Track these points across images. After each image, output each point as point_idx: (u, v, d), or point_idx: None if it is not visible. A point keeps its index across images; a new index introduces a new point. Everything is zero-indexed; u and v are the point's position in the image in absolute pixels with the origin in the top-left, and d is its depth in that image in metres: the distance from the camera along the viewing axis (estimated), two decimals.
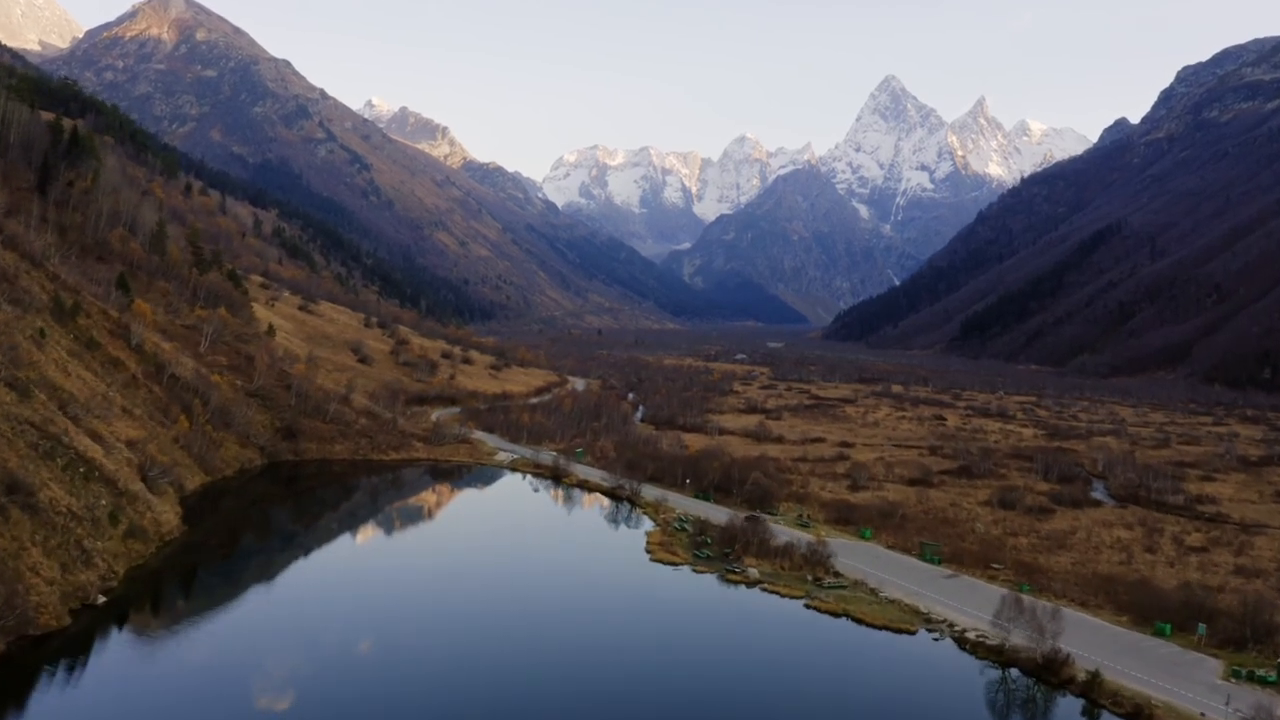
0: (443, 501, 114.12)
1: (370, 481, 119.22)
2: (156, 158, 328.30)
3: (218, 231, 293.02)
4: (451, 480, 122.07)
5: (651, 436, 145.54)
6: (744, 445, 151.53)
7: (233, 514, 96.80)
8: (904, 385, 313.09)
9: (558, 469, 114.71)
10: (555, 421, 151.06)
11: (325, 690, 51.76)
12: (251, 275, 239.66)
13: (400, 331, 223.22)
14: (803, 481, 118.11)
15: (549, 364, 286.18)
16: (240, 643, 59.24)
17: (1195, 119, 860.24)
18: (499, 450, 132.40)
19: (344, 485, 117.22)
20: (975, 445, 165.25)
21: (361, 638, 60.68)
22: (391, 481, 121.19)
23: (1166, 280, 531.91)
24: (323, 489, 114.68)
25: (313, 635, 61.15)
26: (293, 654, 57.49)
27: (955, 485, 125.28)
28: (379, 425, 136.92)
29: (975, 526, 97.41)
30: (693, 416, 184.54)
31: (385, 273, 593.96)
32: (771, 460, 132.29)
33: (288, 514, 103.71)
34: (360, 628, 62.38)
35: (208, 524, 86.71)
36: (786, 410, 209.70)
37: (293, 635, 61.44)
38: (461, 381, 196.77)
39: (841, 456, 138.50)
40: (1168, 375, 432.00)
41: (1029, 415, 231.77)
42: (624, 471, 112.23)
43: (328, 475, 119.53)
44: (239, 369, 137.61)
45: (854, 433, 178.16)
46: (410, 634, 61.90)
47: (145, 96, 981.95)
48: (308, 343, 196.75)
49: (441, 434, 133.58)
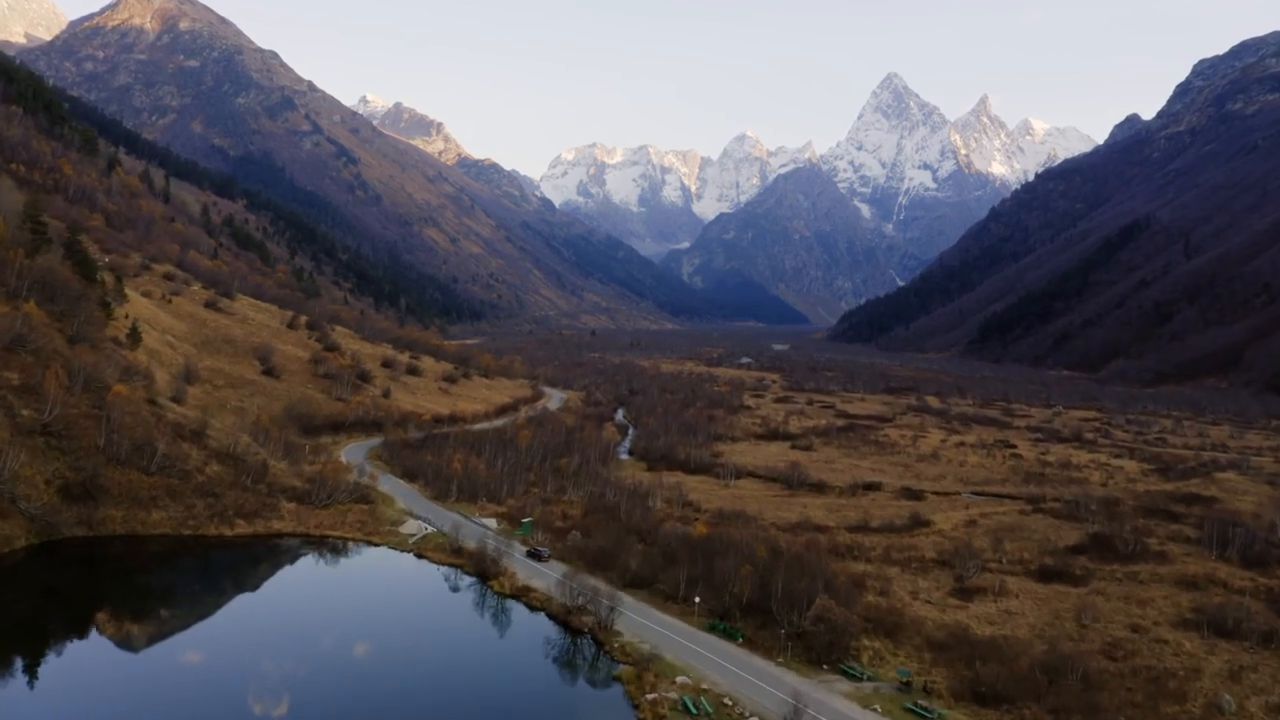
0: (245, 641, 63.60)
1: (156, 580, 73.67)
2: (74, 133, 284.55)
3: (136, 216, 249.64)
4: (309, 575, 76.59)
5: (640, 486, 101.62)
6: (771, 498, 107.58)
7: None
8: (939, 397, 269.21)
9: (485, 561, 70.18)
10: (507, 462, 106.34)
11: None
12: (155, 265, 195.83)
13: (332, 334, 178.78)
14: (879, 576, 73.87)
15: (524, 371, 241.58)
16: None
17: (1218, 112, 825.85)
18: (409, 516, 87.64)
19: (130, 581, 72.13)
20: (1079, 490, 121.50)
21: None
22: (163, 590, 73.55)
23: (1206, 278, 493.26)
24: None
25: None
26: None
27: (1107, 577, 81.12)
28: (236, 476, 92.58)
29: (1222, 705, 53.46)
30: (697, 447, 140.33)
31: (361, 269, 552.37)
32: (818, 529, 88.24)
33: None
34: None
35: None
36: (815, 435, 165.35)
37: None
38: (398, 399, 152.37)
39: (918, 521, 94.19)
40: (1219, 383, 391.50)
41: (1109, 439, 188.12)
42: (590, 565, 68.38)
43: (118, 564, 75.13)
44: (36, 391, 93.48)
45: (912, 470, 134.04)
46: None
47: (125, 87, 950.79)
48: (199, 349, 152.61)
49: (327, 488, 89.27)
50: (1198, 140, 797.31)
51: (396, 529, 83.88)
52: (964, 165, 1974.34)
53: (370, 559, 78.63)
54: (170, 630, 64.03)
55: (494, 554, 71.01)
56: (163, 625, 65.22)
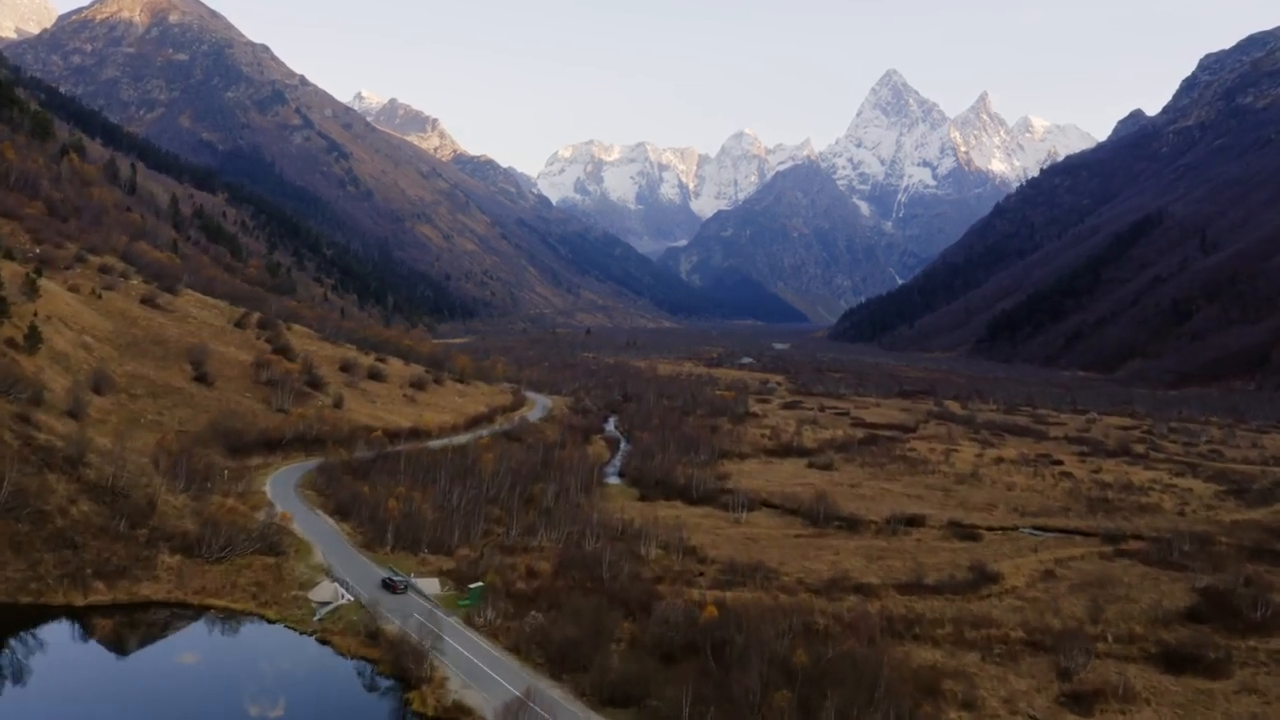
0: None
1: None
2: (25, 116, 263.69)
3: (85, 204, 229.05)
4: (157, 674, 52.27)
5: (630, 526, 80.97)
6: (793, 538, 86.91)
7: None
8: (959, 401, 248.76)
9: (405, 657, 49.07)
10: (465, 494, 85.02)
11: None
12: (92, 256, 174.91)
13: (285, 334, 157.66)
14: (957, 673, 53.25)
15: (508, 374, 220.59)
16: None
17: (1228, 106, 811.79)
18: (325, 575, 66.45)
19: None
20: (1162, 523, 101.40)
21: None
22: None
23: (1226, 275, 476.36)
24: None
25: None
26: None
27: (1250, 660, 60.58)
28: (110, 518, 71.71)
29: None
30: (699, 467, 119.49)
31: (346, 265, 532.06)
32: (861, 590, 67.52)
33: None
34: None
35: None
36: (834, 450, 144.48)
37: None
38: (352, 410, 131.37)
39: (983, 575, 73.30)
40: (1246, 384, 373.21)
41: (1161, 452, 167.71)
42: (554, 664, 48.05)
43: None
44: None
45: (953, 495, 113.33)
46: None
47: (112, 81, 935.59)
48: (122, 352, 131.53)
49: (223, 535, 68.42)
50: (1208, 135, 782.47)
51: (305, 594, 62.90)
52: (964, 163, 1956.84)
53: (257, 643, 57.64)
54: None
55: (418, 647, 50.06)
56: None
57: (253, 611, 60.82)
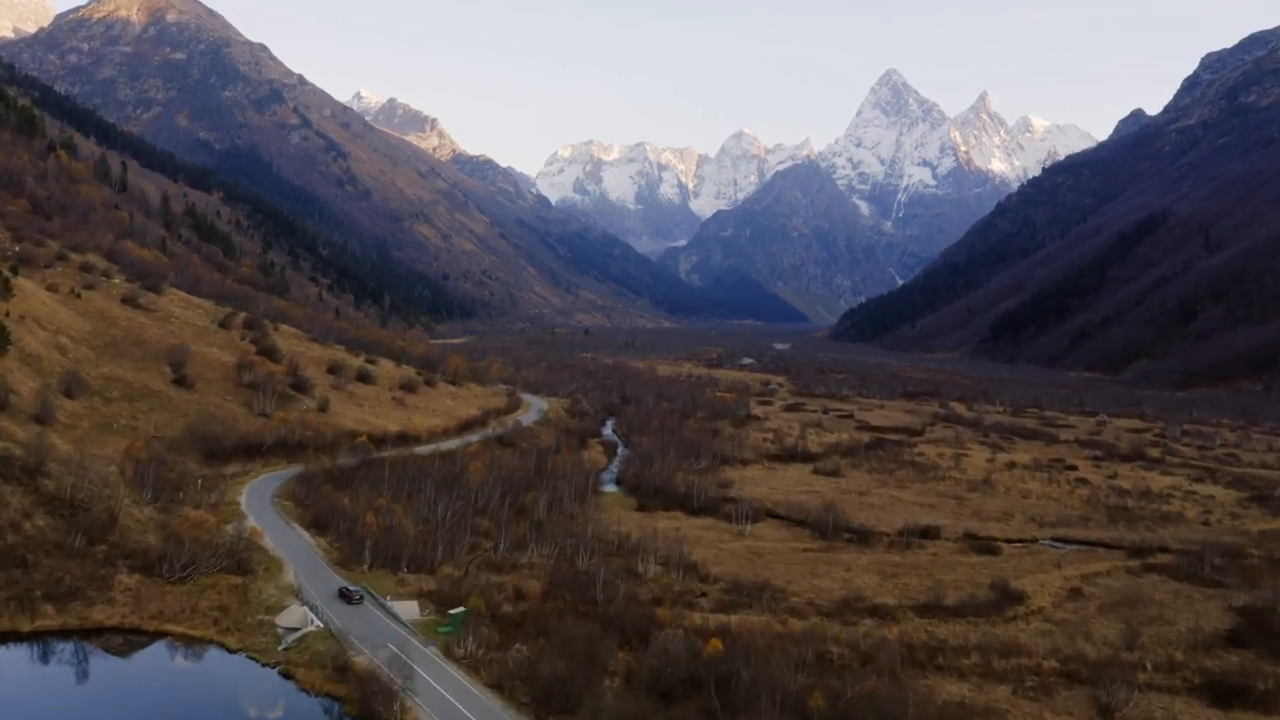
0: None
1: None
2: (11, 112, 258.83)
3: (71, 202, 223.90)
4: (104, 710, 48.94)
5: (626, 541, 75.78)
6: (801, 552, 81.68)
7: None
8: (965, 402, 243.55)
9: (374, 696, 43.86)
10: (451, 506, 79.54)
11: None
12: (74, 254, 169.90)
13: (272, 334, 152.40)
14: (987, 711, 47.94)
15: (504, 375, 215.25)
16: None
17: (1230, 104, 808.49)
18: (295, 598, 61.12)
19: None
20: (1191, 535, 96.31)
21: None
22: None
23: (1233, 275, 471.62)
24: None
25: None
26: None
27: None
28: (66, 533, 66.47)
29: None
30: (700, 473, 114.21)
31: (343, 265, 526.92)
32: (876, 612, 62.31)
33: None
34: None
35: None
36: (840, 455, 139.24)
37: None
38: (338, 414, 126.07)
39: (1006, 594, 68.11)
40: (1254, 385, 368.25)
41: (1177, 456, 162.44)
42: (540, 705, 42.87)
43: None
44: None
45: (967, 504, 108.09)
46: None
47: (109, 80, 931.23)
48: (99, 353, 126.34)
49: (187, 552, 63.20)
50: (1210, 133, 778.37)
51: (272, 619, 57.65)
52: (963, 162, 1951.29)
53: (214, 677, 52.42)
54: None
55: (388, 685, 44.83)
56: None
57: (213, 639, 55.54)
